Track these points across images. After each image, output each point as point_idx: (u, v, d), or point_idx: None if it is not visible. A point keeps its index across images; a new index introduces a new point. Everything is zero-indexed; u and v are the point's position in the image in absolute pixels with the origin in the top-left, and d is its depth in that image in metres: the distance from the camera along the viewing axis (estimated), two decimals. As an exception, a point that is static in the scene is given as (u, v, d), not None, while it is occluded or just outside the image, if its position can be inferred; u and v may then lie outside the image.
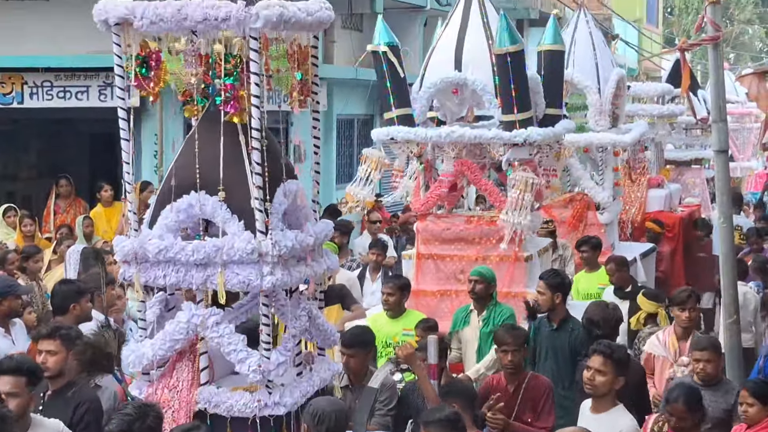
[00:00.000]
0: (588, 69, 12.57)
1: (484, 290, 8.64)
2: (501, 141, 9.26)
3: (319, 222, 5.88)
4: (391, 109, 9.59)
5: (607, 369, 6.42)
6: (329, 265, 5.90)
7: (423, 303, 9.41)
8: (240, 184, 5.49)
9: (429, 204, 9.60)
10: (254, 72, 5.33)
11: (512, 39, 9.00)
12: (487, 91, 9.40)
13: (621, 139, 12.58)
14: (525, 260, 9.33)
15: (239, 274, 5.29)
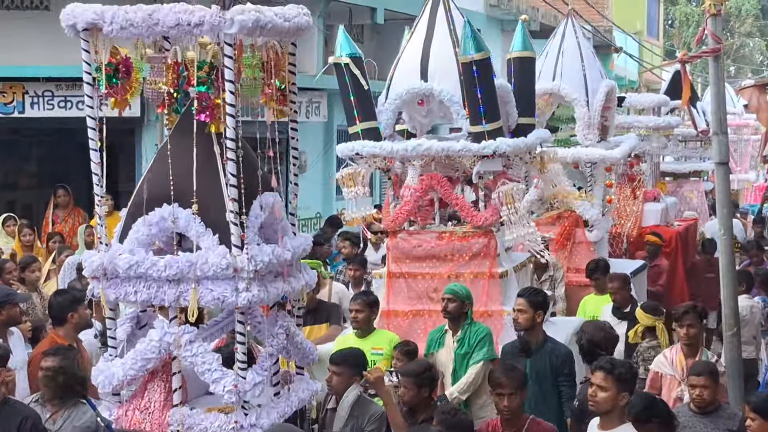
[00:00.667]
0: (576, 81, 12.59)
1: (458, 309, 8.59)
2: (469, 153, 9.27)
3: (297, 236, 5.87)
4: (355, 123, 9.57)
5: (609, 385, 6.44)
6: (307, 281, 5.90)
7: (395, 324, 9.36)
8: (215, 197, 5.48)
9: (398, 220, 9.57)
10: (229, 80, 5.33)
11: (477, 46, 8.99)
12: (454, 101, 9.39)
13: (610, 155, 12.53)
14: (500, 277, 9.29)
15: (213, 290, 5.27)
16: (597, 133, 12.55)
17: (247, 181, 5.43)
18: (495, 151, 9.13)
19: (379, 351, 8.63)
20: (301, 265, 5.90)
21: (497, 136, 9.16)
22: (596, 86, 12.62)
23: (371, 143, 9.44)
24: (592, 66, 12.82)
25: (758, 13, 53.50)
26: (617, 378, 6.44)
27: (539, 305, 8.18)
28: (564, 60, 12.76)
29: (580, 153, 12.45)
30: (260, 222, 5.54)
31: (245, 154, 5.54)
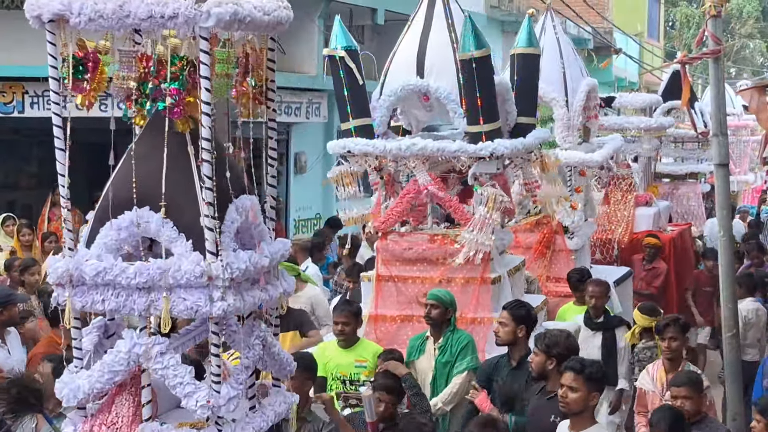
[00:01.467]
0: (555, 79, 12.24)
1: (441, 316, 8.42)
2: (465, 154, 9.06)
3: (275, 241, 5.63)
4: (348, 119, 9.36)
5: (579, 385, 6.46)
6: (285, 288, 5.66)
7: (382, 329, 9.19)
8: (188, 200, 5.23)
9: (390, 221, 9.37)
10: (204, 76, 5.09)
11: (478, 43, 8.77)
12: (451, 99, 9.20)
13: (590, 158, 12.23)
14: (492, 282, 9.11)
15: (186, 299, 5.02)
16: (577, 135, 12.21)
17: (223, 183, 5.20)
18: (492, 153, 8.92)
19: (363, 363, 8.47)
20: (279, 272, 5.67)
21: (495, 137, 8.96)
22: (576, 85, 12.28)
23: (364, 141, 9.26)
24: (572, 64, 12.49)
25: (759, 15, 54.04)
26: (587, 378, 6.44)
27: (522, 319, 7.90)
28: (543, 57, 11.98)
29: (558, 156, 11.92)
30: (236, 227, 5.31)
31: (221, 155, 5.31)
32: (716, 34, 9.95)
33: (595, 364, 6.77)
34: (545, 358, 7.28)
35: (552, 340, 7.35)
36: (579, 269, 11.11)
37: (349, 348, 8.66)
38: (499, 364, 7.96)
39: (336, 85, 9.35)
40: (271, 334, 5.77)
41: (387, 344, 9.05)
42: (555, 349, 7.28)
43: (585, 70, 12.95)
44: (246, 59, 5.45)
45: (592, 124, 12.84)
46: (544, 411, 7.14)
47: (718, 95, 10.01)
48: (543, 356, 7.32)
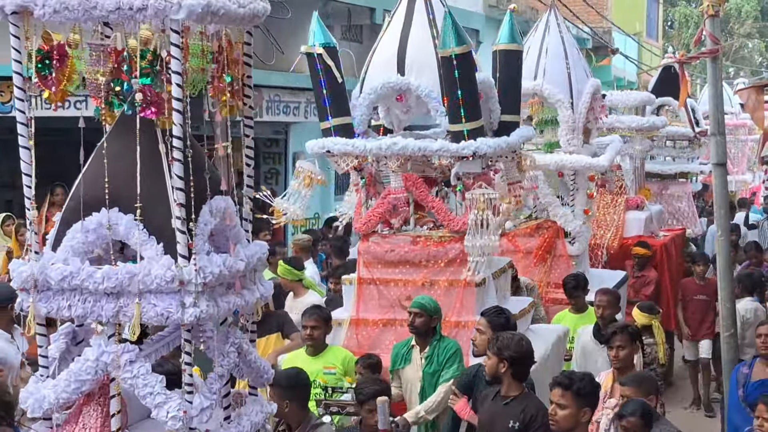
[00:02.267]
0: (560, 80, 12.03)
1: (425, 324, 8.22)
2: (447, 154, 8.87)
3: (251, 244, 5.44)
4: (327, 118, 9.17)
5: (568, 402, 6.27)
6: (262, 293, 5.47)
7: (364, 333, 9.01)
8: (159, 201, 5.04)
9: (371, 223, 9.18)
10: (176, 71, 4.89)
11: (459, 39, 8.56)
12: (432, 97, 9.01)
13: (597, 163, 12.00)
14: (476, 285, 8.92)
15: (157, 305, 4.82)
16: (581, 138, 11.98)
17: (196, 183, 4.99)
18: (475, 152, 8.73)
19: (332, 370, 8.29)
20: (256, 276, 5.48)
21: (478, 135, 8.77)
22: (581, 87, 12.06)
23: (343, 140, 9.07)
24: (576, 64, 12.26)
25: (758, 14, 54.39)
26: (576, 393, 6.26)
27: (502, 327, 7.61)
28: (547, 57, 12.19)
29: (565, 160, 11.89)
30: (210, 229, 5.11)
31: (194, 154, 5.10)
32: (714, 33, 10.05)
33: (585, 378, 6.54)
34: (497, 361, 7.00)
35: (503, 343, 7.04)
36: (575, 275, 10.89)
37: (317, 355, 8.50)
38: (478, 375, 7.70)
39: (314, 83, 9.16)
40: (248, 341, 5.58)
41: (369, 349, 8.86)
42: (506, 352, 6.98)
43: (589, 71, 12.71)
44: (222, 54, 5.26)
45: (593, 125, 12.62)
46: (500, 416, 6.89)
47: (716, 94, 10.07)
48: (495, 359, 7.03)
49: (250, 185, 5.68)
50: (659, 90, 17.60)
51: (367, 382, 7.54)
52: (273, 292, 5.85)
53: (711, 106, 10.16)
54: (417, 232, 9.26)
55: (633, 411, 6.57)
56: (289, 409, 6.81)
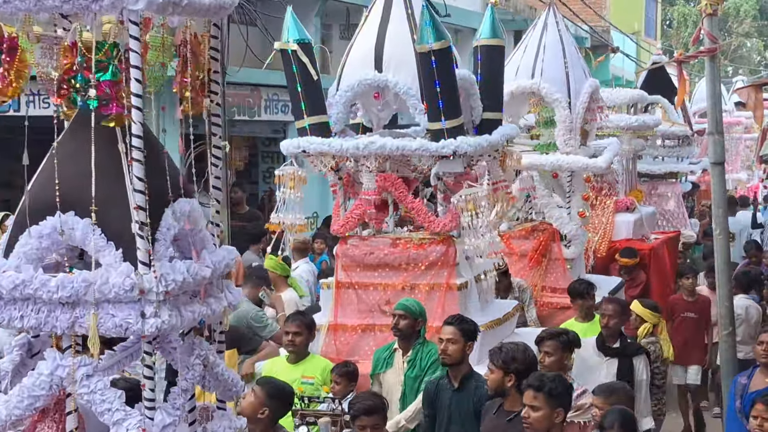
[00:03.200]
0: (558, 79, 11.76)
1: (410, 327, 7.99)
2: (427, 153, 8.61)
3: (219, 249, 5.14)
4: (303, 117, 8.90)
5: (541, 403, 6.16)
6: (231, 301, 5.18)
7: (342, 339, 8.74)
8: (119, 204, 4.75)
9: (349, 225, 8.92)
10: (135, 65, 4.61)
11: (437, 35, 8.27)
12: (411, 94, 8.75)
13: (594, 164, 11.72)
14: (458, 289, 8.67)
15: (115, 315, 4.53)
16: (578, 139, 11.73)
17: (158, 185, 4.71)
18: (455, 151, 8.47)
19: (310, 380, 8.05)
20: (224, 283, 5.19)
21: (458, 134, 8.51)
22: (580, 86, 11.80)
23: (319, 140, 8.80)
24: (575, 63, 12.01)
25: (756, 13, 55.33)
26: (548, 394, 6.16)
27: (471, 334, 7.43)
28: (545, 56, 11.93)
29: (561, 161, 11.61)
30: (173, 234, 4.83)
31: (156, 154, 4.82)
32: (713, 32, 10.16)
33: (556, 378, 6.36)
34: (503, 375, 6.77)
35: (509, 355, 6.80)
36: (580, 281, 10.58)
37: (297, 363, 8.24)
38: (440, 386, 7.45)
39: (289, 81, 8.86)
40: (215, 353, 5.30)
41: (347, 355, 8.61)
42: (513, 365, 6.75)
43: (588, 71, 12.44)
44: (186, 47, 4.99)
45: (591, 126, 12.32)
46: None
47: (714, 94, 10.14)
48: (500, 373, 6.78)
49: (217, 187, 5.40)
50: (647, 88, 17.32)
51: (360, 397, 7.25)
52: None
53: (709, 105, 10.22)
54: (397, 234, 9.00)
55: (612, 423, 6.43)
56: (263, 416, 6.52)
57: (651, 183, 18.12)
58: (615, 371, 8.66)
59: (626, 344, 8.94)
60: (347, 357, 8.56)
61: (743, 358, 11.16)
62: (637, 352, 8.89)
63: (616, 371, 8.66)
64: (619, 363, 8.75)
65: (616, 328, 8.96)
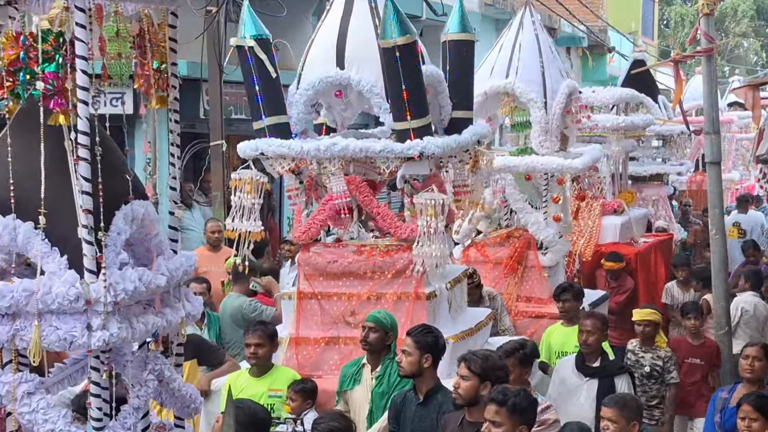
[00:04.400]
0: (533, 79, 11.55)
1: (380, 341, 7.76)
2: (392, 154, 8.42)
3: (176, 256, 4.92)
4: (261, 117, 8.67)
5: (503, 419, 5.98)
6: (190, 311, 4.97)
7: (304, 353, 8.51)
8: (65, 207, 4.54)
9: (311, 232, 8.70)
10: (81, 56, 4.41)
11: (402, 29, 8.06)
12: (375, 93, 8.54)
13: (569, 165, 11.49)
14: (427, 298, 8.47)
15: (59, 327, 4.31)
16: (556, 141, 11.53)
17: (108, 186, 4.50)
18: (422, 153, 8.26)
19: (278, 393, 7.83)
20: (183, 293, 4.97)
21: (425, 134, 8.30)
22: (556, 86, 11.61)
23: (278, 141, 8.56)
24: (551, 63, 11.81)
25: (754, 13, 57.24)
26: (511, 410, 6.00)
27: (429, 347, 7.11)
28: (521, 55, 11.73)
29: (536, 162, 11.42)
30: (124, 239, 4.61)
31: (106, 152, 4.61)
32: (709, 32, 10.46)
33: (519, 393, 6.15)
34: (478, 383, 6.55)
35: (488, 363, 6.60)
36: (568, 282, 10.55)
37: (261, 376, 8.01)
38: (407, 399, 7.23)
39: (246, 79, 8.63)
40: (171, 367, 5.09)
41: (310, 370, 8.39)
42: (492, 373, 6.55)
43: (565, 71, 12.26)
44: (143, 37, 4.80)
45: (571, 131, 12.13)
46: None
47: (711, 93, 10.47)
48: (476, 380, 6.56)
49: (173, 187, 5.19)
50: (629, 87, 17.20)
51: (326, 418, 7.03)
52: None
53: (706, 105, 10.53)
54: (362, 241, 8.81)
55: None
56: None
57: (636, 186, 18.01)
58: (595, 393, 8.28)
59: (608, 363, 8.54)
60: (310, 372, 8.36)
61: None
62: (620, 372, 8.51)
63: (596, 393, 8.26)
64: (599, 384, 8.38)
65: (595, 345, 8.57)
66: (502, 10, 25.08)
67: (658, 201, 18.19)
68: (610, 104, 15.62)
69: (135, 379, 4.73)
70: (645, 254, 14.16)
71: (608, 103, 15.55)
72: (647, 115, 16.27)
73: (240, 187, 8.66)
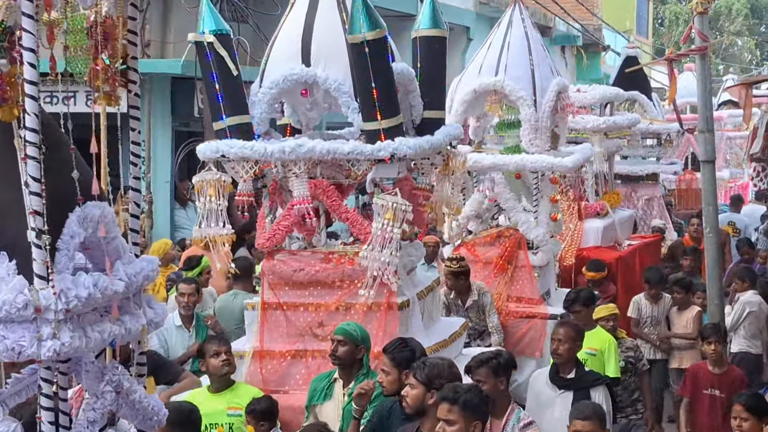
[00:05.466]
0: (523, 77, 11.85)
1: (350, 354, 7.69)
2: (361, 156, 8.36)
3: (137, 260, 4.80)
4: (221, 117, 8.60)
5: (456, 417, 6.05)
6: (152, 318, 4.84)
7: (269, 368, 8.43)
8: (14, 209, 4.42)
9: (276, 238, 8.62)
10: (28, 48, 4.31)
11: (371, 23, 8.02)
12: (343, 91, 8.51)
13: (560, 163, 11.68)
14: (400, 308, 8.40)
15: (7, 337, 4.18)
16: (546, 140, 11.71)
17: (59, 186, 4.39)
18: (393, 154, 8.21)
19: (237, 411, 7.71)
20: (145, 299, 4.85)
21: (396, 135, 8.25)
22: (546, 84, 11.82)
23: (240, 143, 8.50)
24: (541, 61, 12.06)
25: (748, 12, 59.34)
26: (463, 406, 6.09)
27: (407, 362, 7.03)
28: (509, 53, 11.99)
29: (525, 160, 11.60)
30: (78, 242, 4.49)
31: (57, 150, 4.50)
32: (703, 30, 10.95)
33: (471, 389, 6.27)
34: (424, 392, 6.55)
35: (434, 371, 6.58)
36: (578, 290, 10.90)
37: (221, 392, 7.93)
38: (394, 411, 7.17)
39: (204, 77, 8.57)
40: (132, 377, 4.97)
41: (275, 385, 8.32)
42: (438, 381, 6.52)
43: (556, 69, 12.45)
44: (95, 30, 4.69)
45: (561, 130, 12.36)
46: None
47: (705, 92, 10.91)
48: (422, 389, 6.56)
49: (136, 189, 5.08)
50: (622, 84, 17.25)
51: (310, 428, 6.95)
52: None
53: (700, 104, 11.01)
54: (330, 248, 8.73)
55: None
56: None
57: (630, 186, 18.04)
58: (570, 406, 8.10)
59: (583, 374, 8.52)
60: (275, 387, 8.29)
61: (758, 352, 12.48)
62: (595, 383, 8.44)
63: (571, 406, 8.08)
64: (574, 396, 8.32)
65: (568, 356, 8.51)
66: (496, 8, 25.44)
67: (652, 200, 18.28)
68: (596, 104, 15.68)
69: (91, 391, 4.61)
70: (627, 258, 14.27)
71: (593, 103, 15.64)
72: (633, 114, 16.38)
73: (203, 191, 8.59)
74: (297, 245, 8.87)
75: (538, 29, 12.74)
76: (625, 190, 17.39)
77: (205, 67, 8.53)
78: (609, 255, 13.86)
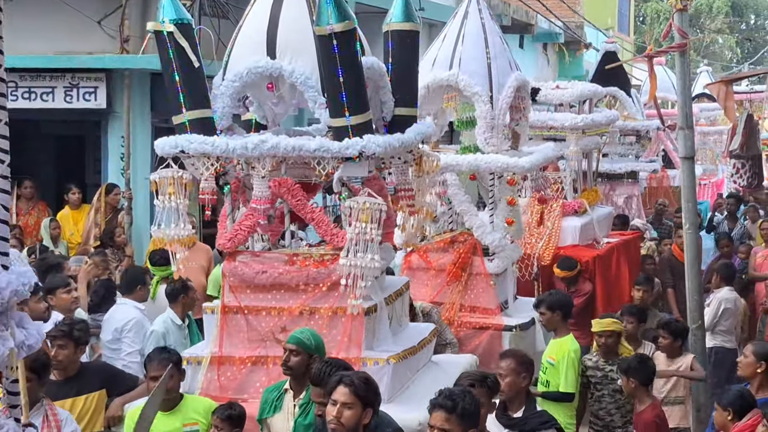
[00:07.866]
0: (478, 71, 11.58)
1: (302, 365, 7.47)
2: (328, 154, 8.34)
3: (5, 272, 4.42)
4: (181, 111, 8.68)
5: (452, 426, 6.20)
6: (23, 341, 4.39)
7: (228, 374, 8.37)
8: None
9: (238, 239, 8.73)
10: None
11: (340, 15, 7.81)
12: (309, 85, 8.46)
13: (515, 164, 11.38)
14: (366, 313, 8.27)
15: None
16: (503, 138, 11.34)
17: None
18: (362, 152, 8.21)
19: (194, 427, 7.68)
20: (18, 318, 4.53)
21: (365, 132, 8.15)
22: (504, 80, 11.51)
23: (201, 138, 8.37)
24: (499, 55, 11.70)
25: (728, 10, 62.14)
26: (460, 415, 6.20)
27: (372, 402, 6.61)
28: (465, 46, 11.72)
29: (479, 160, 11.34)
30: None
31: None
32: (683, 27, 11.49)
33: (466, 396, 6.26)
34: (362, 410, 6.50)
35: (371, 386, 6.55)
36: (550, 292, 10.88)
37: (172, 410, 7.75)
38: None
39: (164, 69, 8.49)
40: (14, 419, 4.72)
41: (234, 393, 8.14)
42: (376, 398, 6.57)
43: (515, 63, 12.10)
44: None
45: (522, 128, 12.03)
46: None
47: (685, 88, 11.51)
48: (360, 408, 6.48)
49: (5, 189, 5.01)
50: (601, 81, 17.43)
51: None
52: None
53: (679, 100, 11.59)
54: (294, 250, 8.89)
55: None
56: None
57: (609, 184, 18.27)
58: None
59: (532, 414, 7.89)
60: (234, 395, 8.03)
61: (732, 347, 13.22)
62: (542, 427, 7.81)
63: None
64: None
65: (513, 391, 7.88)
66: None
67: (631, 199, 18.46)
68: (574, 101, 15.57)
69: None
70: (605, 257, 14.18)
71: (570, 101, 15.49)
72: (613, 111, 16.49)
73: (161, 189, 8.61)
74: (260, 246, 9.04)
75: (521, 26, 12.86)
76: (604, 188, 17.61)
77: (164, 58, 8.40)
78: (587, 253, 13.72)
